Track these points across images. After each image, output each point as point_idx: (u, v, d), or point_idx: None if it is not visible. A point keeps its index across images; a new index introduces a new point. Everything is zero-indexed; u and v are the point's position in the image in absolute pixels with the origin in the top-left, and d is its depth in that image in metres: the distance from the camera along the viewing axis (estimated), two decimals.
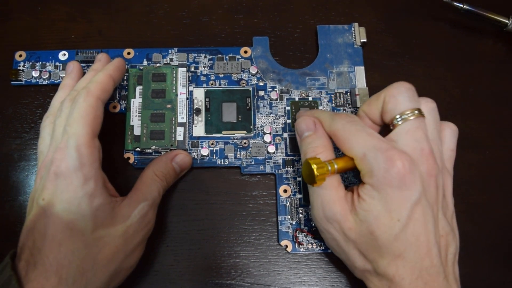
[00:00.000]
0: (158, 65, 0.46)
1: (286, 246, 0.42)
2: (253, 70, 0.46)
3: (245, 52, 0.47)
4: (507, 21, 0.47)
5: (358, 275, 0.36)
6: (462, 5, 0.47)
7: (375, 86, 0.47)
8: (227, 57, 0.47)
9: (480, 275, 0.42)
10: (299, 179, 0.44)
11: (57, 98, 0.41)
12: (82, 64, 0.46)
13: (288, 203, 0.43)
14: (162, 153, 0.43)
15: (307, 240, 0.42)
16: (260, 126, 0.45)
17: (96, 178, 0.35)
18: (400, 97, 0.34)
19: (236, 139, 0.45)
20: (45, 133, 0.38)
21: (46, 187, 0.34)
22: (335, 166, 0.34)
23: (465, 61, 0.49)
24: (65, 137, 0.35)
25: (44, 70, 0.46)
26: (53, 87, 0.47)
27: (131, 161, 0.44)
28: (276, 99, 0.46)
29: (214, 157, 0.44)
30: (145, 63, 0.47)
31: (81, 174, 0.34)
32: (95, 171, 0.35)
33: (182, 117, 0.44)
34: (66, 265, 0.32)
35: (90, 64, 0.46)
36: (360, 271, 0.36)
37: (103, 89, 0.38)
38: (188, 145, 0.44)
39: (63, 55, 0.47)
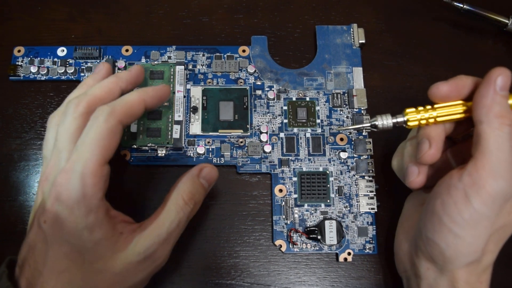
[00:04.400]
0: (156, 62, 0.46)
1: (281, 246, 0.42)
2: (251, 69, 0.46)
3: (243, 51, 0.47)
4: (507, 21, 0.47)
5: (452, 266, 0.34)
6: (462, 5, 0.47)
7: (374, 86, 0.47)
8: (225, 55, 0.47)
9: None
10: (294, 179, 0.44)
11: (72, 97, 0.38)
12: (80, 61, 0.47)
13: (283, 202, 0.43)
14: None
15: (301, 240, 0.42)
16: (257, 125, 0.45)
17: (97, 210, 0.32)
18: None
19: (233, 138, 0.45)
20: (50, 135, 0.36)
21: (47, 210, 0.32)
22: None
23: (465, 61, 0.48)
24: (73, 157, 0.32)
25: (42, 65, 0.46)
26: (54, 87, 0.47)
27: (127, 158, 0.44)
28: (273, 99, 0.46)
29: (210, 156, 0.44)
30: (143, 60, 0.47)
31: (83, 206, 0.32)
32: (97, 202, 0.32)
33: (178, 115, 0.44)
34: None
35: (89, 61, 0.47)
36: (463, 265, 0.33)
37: (130, 114, 0.35)
38: (184, 143, 0.44)
39: (61, 51, 0.47)
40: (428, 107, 0.34)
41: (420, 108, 0.34)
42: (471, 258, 0.33)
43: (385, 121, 0.35)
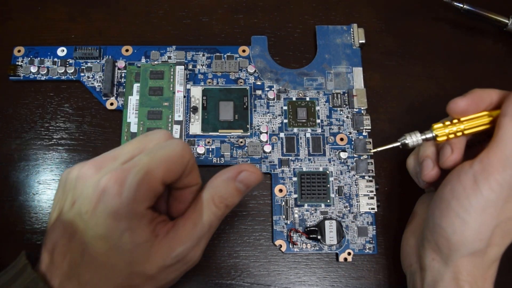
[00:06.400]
0: (156, 62, 0.46)
1: (281, 246, 0.42)
2: (251, 69, 0.46)
3: (243, 51, 0.47)
4: (507, 21, 0.47)
5: (457, 255, 0.34)
6: (462, 5, 0.47)
7: (374, 86, 0.47)
8: (225, 55, 0.47)
9: None
10: (294, 179, 0.44)
11: None
12: (80, 61, 0.47)
13: (283, 202, 0.43)
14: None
15: (301, 240, 0.42)
16: (257, 125, 0.45)
17: (141, 217, 0.31)
18: None
19: (233, 138, 0.45)
20: (138, 137, 0.35)
21: (91, 200, 0.31)
22: None
23: (465, 61, 0.48)
24: (141, 160, 0.31)
25: (42, 65, 0.46)
26: (54, 87, 0.47)
27: None
28: (273, 99, 0.46)
29: (210, 156, 0.44)
30: (143, 60, 0.47)
31: (130, 209, 0.31)
32: (143, 210, 0.31)
33: (179, 115, 0.44)
34: None
35: (89, 61, 0.47)
36: (467, 253, 0.34)
37: (168, 167, 0.32)
38: None
39: (61, 51, 0.47)
40: (455, 120, 0.35)
41: (447, 122, 0.35)
42: (476, 246, 0.33)
43: (415, 138, 0.36)
